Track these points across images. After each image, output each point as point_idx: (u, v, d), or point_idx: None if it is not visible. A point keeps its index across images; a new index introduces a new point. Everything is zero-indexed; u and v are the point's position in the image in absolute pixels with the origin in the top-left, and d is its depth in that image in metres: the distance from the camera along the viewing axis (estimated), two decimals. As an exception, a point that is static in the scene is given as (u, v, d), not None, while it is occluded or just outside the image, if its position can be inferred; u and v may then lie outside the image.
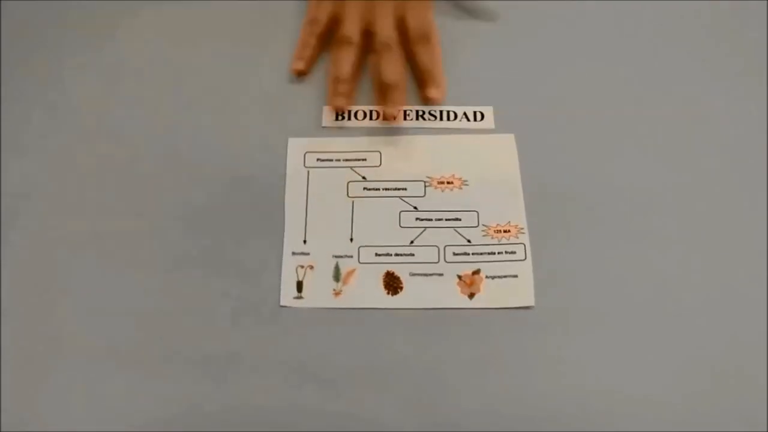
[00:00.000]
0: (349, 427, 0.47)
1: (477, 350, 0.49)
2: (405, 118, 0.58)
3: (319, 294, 0.52)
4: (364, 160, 0.57)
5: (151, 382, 0.49)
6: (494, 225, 0.54)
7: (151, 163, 0.56)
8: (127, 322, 0.50)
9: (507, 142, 0.57)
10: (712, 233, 0.53)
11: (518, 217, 0.54)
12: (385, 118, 0.58)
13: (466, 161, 0.57)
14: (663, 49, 0.61)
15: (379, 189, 0.56)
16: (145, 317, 0.51)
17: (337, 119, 0.58)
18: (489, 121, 0.58)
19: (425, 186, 0.56)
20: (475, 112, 0.59)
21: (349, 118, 0.59)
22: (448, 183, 0.56)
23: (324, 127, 0.58)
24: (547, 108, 0.58)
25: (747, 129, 0.57)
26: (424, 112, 0.59)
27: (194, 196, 0.55)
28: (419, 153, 0.57)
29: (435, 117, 0.58)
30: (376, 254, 0.53)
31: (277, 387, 0.48)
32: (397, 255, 0.53)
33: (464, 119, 0.58)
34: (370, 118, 0.59)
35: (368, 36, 0.60)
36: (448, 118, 0.58)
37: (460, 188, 0.56)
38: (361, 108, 0.59)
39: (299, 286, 0.52)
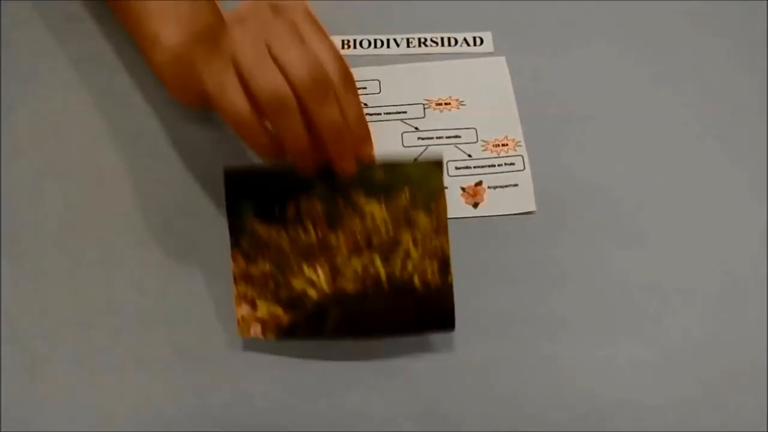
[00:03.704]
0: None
1: (485, 252, 0.52)
2: (408, 46, 0.62)
3: (330, 211, 0.54)
4: (364, 88, 0.59)
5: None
6: (492, 140, 0.57)
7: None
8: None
9: (499, 64, 0.60)
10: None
11: (515, 131, 0.57)
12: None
13: (461, 84, 0.60)
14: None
15: (380, 114, 0.58)
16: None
17: (343, 47, 0.61)
18: (488, 46, 0.61)
19: (424, 108, 0.58)
20: (474, 38, 0.62)
21: (355, 47, 0.62)
22: (446, 104, 0.59)
23: None
24: (543, 32, 0.62)
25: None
26: (426, 39, 0.62)
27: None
28: (415, 80, 0.60)
29: (437, 43, 0.62)
30: (383, 173, 0.56)
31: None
32: None
33: (464, 44, 0.61)
34: (375, 47, 0.62)
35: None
36: (449, 44, 0.61)
37: (458, 108, 0.58)
38: (365, 37, 0.62)
39: (311, 206, 0.54)
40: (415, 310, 0.46)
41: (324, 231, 0.47)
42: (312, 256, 0.46)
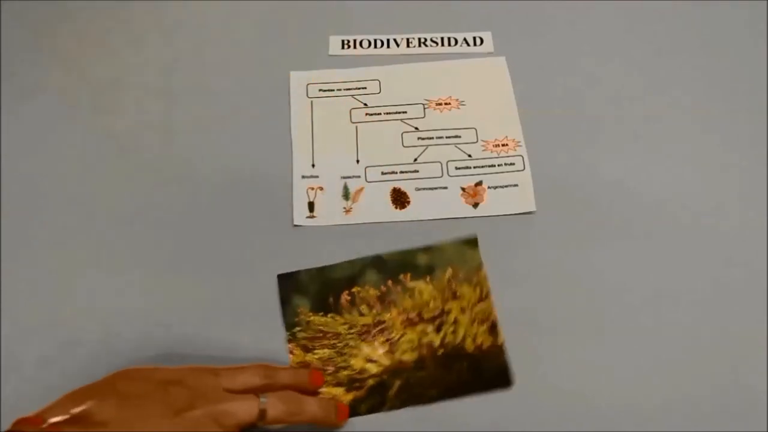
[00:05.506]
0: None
1: (485, 252, 0.52)
2: (408, 46, 0.62)
3: (331, 212, 0.54)
4: (364, 88, 0.59)
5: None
6: (492, 140, 0.57)
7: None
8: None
9: (499, 64, 0.60)
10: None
11: (515, 131, 0.57)
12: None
13: (462, 84, 0.60)
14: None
15: (380, 114, 0.58)
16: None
17: (343, 48, 0.61)
18: (488, 46, 0.61)
19: (424, 108, 0.58)
20: (474, 38, 0.62)
21: (355, 47, 0.61)
22: (446, 104, 0.59)
23: (331, 55, 0.61)
24: (543, 32, 0.62)
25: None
26: (426, 39, 0.62)
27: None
28: (415, 79, 0.60)
29: (437, 43, 0.62)
30: (382, 173, 0.56)
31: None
32: (402, 172, 0.56)
33: (464, 44, 0.61)
34: (375, 47, 0.62)
35: None
36: (449, 44, 0.61)
37: (458, 108, 0.58)
38: (365, 37, 0.62)
39: (311, 206, 0.54)
40: (470, 371, 0.48)
41: (378, 311, 0.50)
42: (369, 335, 0.49)
